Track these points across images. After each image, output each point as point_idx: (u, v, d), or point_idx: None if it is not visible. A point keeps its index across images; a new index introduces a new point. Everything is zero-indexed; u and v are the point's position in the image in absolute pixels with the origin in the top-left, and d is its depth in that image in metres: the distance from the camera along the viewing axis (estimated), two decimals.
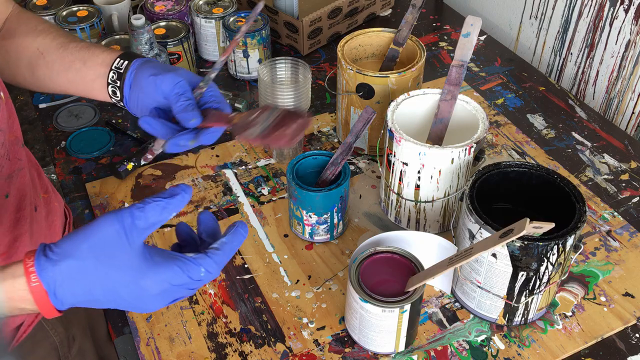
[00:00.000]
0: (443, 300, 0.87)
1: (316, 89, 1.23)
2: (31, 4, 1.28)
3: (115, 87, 0.73)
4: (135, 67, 0.72)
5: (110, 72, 0.73)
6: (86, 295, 0.52)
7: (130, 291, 0.53)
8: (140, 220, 0.53)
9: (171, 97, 0.68)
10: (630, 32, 1.13)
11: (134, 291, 0.53)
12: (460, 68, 0.94)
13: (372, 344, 0.79)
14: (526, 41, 1.37)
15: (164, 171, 1.05)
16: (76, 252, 0.51)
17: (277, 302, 0.86)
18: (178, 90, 0.68)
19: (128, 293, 0.53)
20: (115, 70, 0.73)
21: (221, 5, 1.29)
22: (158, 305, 0.54)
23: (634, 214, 0.99)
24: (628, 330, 0.84)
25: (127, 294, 0.53)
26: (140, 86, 0.71)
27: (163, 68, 0.71)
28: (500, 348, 0.81)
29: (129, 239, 0.52)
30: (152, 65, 0.72)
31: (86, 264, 0.51)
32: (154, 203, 0.53)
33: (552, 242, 0.74)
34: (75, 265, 0.51)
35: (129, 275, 0.52)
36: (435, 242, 0.84)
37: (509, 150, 1.09)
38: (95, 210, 0.99)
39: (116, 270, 0.52)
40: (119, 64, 0.73)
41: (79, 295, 0.52)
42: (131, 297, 0.53)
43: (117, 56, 0.74)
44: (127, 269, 0.52)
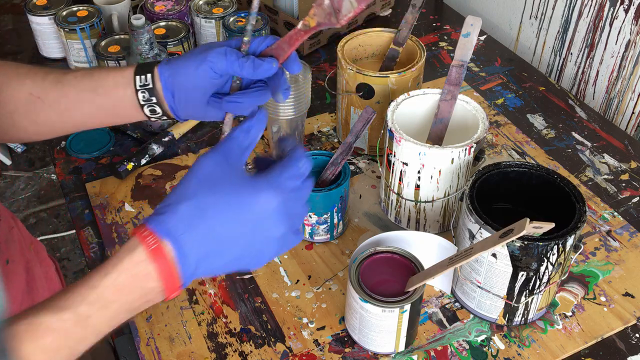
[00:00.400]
0: (443, 300, 0.87)
1: (316, 89, 1.23)
2: (31, 4, 1.28)
3: (153, 105, 0.68)
4: (167, 75, 0.67)
5: (138, 93, 0.67)
6: (209, 240, 0.51)
7: (250, 211, 0.52)
8: (233, 147, 0.55)
9: (233, 68, 0.64)
10: (630, 32, 1.13)
11: (253, 210, 0.52)
12: (460, 68, 0.94)
13: (372, 344, 0.79)
14: (526, 41, 1.37)
15: (164, 171, 1.05)
16: (187, 193, 0.51)
17: (277, 302, 0.86)
18: (230, 58, 0.64)
19: (250, 216, 0.52)
20: (144, 89, 0.67)
21: (221, 5, 1.29)
22: (280, 228, 0.54)
23: (634, 214, 0.99)
24: (628, 330, 0.84)
25: (250, 219, 0.52)
26: (186, 87, 0.66)
27: (198, 52, 0.66)
28: (500, 348, 0.81)
29: (231, 164, 0.54)
30: (183, 58, 0.67)
31: (202, 200, 0.51)
32: (238, 131, 0.56)
33: (552, 242, 0.74)
34: (192, 205, 0.51)
35: (246, 191, 0.52)
36: (435, 242, 0.84)
37: (509, 150, 1.09)
38: (95, 210, 0.99)
39: (232, 195, 0.52)
40: (143, 81, 0.67)
41: (203, 244, 0.51)
42: (253, 223, 0.52)
43: (132, 73, 0.68)
44: (240, 187, 0.52)
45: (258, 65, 0.63)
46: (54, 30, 1.28)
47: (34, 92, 0.68)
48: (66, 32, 1.22)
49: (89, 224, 0.98)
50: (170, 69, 0.67)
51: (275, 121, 1.01)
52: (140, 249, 0.51)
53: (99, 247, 0.94)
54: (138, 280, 0.51)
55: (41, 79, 0.69)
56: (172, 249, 0.51)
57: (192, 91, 0.66)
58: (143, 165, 1.06)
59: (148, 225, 0.51)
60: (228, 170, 0.54)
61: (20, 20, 1.44)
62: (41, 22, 1.27)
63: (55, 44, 1.30)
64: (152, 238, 0.50)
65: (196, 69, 0.65)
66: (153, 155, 1.07)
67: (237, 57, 0.64)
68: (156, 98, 0.67)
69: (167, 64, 0.68)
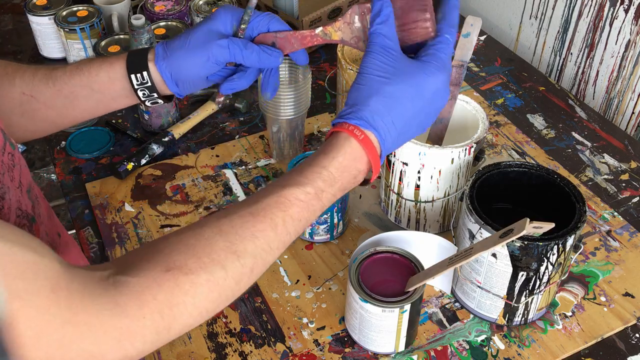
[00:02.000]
0: (443, 300, 0.87)
1: (316, 89, 1.23)
2: (31, 4, 1.28)
3: (155, 99, 0.71)
4: (167, 71, 0.69)
5: (137, 91, 0.70)
6: (398, 123, 0.62)
7: (426, 92, 0.62)
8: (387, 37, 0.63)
9: (237, 58, 0.68)
10: (630, 32, 1.13)
11: (428, 91, 0.63)
12: (460, 68, 0.94)
13: (372, 344, 0.79)
14: (526, 41, 1.37)
15: (164, 171, 1.05)
16: (371, 90, 0.61)
17: (277, 302, 0.86)
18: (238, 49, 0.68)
19: (426, 96, 0.63)
20: (142, 87, 0.69)
21: (221, 5, 1.29)
22: (445, 98, 0.65)
23: (634, 214, 0.99)
24: (628, 330, 0.84)
25: (426, 97, 0.63)
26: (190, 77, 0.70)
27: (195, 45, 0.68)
28: (500, 348, 0.81)
29: (395, 51, 0.63)
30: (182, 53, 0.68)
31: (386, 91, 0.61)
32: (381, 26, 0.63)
33: (552, 242, 0.74)
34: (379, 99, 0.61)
35: (420, 76, 0.62)
36: (435, 242, 0.84)
37: (509, 150, 1.09)
38: (95, 210, 0.99)
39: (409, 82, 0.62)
40: (140, 80, 0.69)
41: (394, 127, 0.62)
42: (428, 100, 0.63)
43: (124, 68, 0.69)
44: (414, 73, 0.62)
45: (264, 58, 0.69)
46: (54, 30, 1.28)
47: (25, 91, 0.69)
48: (66, 32, 1.22)
49: (89, 224, 0.98)
50: (170, 64, 0.69)
51: (275, 121, 1.01)
52: (352, 139, 0.60)
53: (99, 247, 0.94)
54: (355, 162, 0.61)
55: (30, 76, 0.69)
56: (375, 137, 0.61)
57: (196, 78, 0.70)
58: (143, 165, 1.06)
59: (351, 122, 0.61)
60: (391, 58, 0.62)
61: (20, 20, 1.44)
62: (41, 22, 1.27)
63: (55, 44, 1.30)
64: (358, 130, 0.60)
65: (200, 63, 0.68)
66: (153, 155, 1.07)
67: (239, 49, 0.67)
68: (157, 93, 0.70)
69: (165, 58, 0.69)
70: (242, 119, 1.16)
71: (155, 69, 0.70)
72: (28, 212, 0.61)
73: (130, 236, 0.95)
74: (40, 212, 0.65)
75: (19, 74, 0.70)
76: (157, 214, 0.98)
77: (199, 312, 0.53)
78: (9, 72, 0.70)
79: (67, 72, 0.70)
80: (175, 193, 1.02)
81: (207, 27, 0.69)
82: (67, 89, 0.70)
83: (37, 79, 0.70)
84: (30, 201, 0.62)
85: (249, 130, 1.14)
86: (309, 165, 0.60)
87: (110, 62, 0.70)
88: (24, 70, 0.70)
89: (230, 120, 1.16)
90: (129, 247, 0.93)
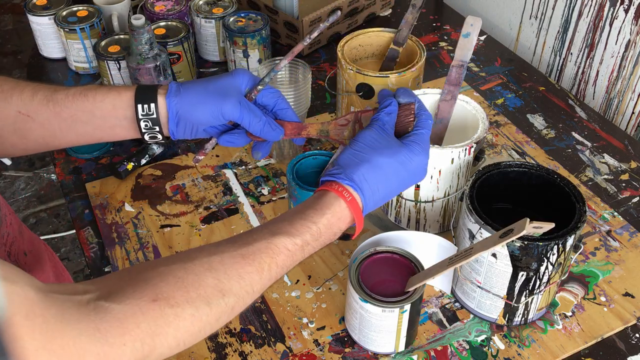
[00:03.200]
0: (443, 300, 0.87)
1: (316, 89, 1.23)
2: (31, 4, 1.28)
3: (155, 133, 0.72)
4: (175, 108, 0.70)
5: (140, 122, 0.70)
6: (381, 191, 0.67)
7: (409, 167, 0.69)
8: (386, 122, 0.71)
9: (243, 121, 0.72)
10: (630, 32, 1.13)
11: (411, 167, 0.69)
12: (460, 68, 0.94)
13: (372, 344, 0.79)
14: (526, 41, 1.37)
15: (164, 171, 1.05)
16: (362, 156, 0.67)
17: (277, 302, 0.86)
18: (247, 113, 0.71)
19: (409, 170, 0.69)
20: (146, 118, 0.70)
21: (221, 5, 1.29)
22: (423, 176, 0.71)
23: (634, 214, 0.99)
24: (628, 330, 0.84)
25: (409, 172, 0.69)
26: (192, 121, 0.72)
27: (212, 93, 0.70)
28: (500, 348, 0.81)
29: (387, 134, 0.70)
30: (196, 95, 0.70)
31: (375, 161, 0.67)
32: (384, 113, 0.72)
33: (552, 242, 0.74)
34: (369, 166, 0.66)
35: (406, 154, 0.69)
36: (435, 242, 0.84)
37: (509, 150, 1.09)
38: (95, 210, 0.99)
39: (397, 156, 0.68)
40: (146, 111, 0.69)
41: (377, 193, 0.67)
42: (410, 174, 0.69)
43: (132, 98, 0.70)
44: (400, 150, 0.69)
45: (266, 131, 0.73)
46: (54, 30, 1.28)
47: (22, 110, 0.69)
48: (66, 32, 1.22)
49: (89, 224, 0.98)
50: (181, 102, 0.70)
51: None
52: (341, 200, 0.65)
53: (99, 247, 0.94)
54: (340, 221, 0.65)
55: (29, 96, 0.69)
56: (360, 200, 0.66)
57: (198, 125, 0.72)
58: (143, 165, 1.06)
59: (342, 182, 0.65)
60: (386, 138, 0.69)
61: (20, 20, 1.45)
62: (41, 22, 1.27)
63: (55, 44, 1.30)
64: (347, 192, 0.65)
65: (209, 111, 0.70)
66: (153, 155, 1.07)
67: (250, 115, 0.71)
68: (159, 127, 0.71)
69: (177, 95, 0.70)
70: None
71: (164, 104, 0.71)
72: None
73: (130, 236, 0.95)
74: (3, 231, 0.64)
75: (16, 91, 0.69)
76: (157, 214, 0.98)
77: (177, 344, 0.53)
78: (5, 89, 0.69)
79: (69, 96, 0.70)
80: (175, 193, 1.02)
81: (228, 81, 0.72)
82: (67, 112, 0.70)
83: (37, 100, 0.69)
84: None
85: None
86: (301, 218, 0.63)
87: (118, 90, 0.71)
88: (22, 88, 0.69)
89: None
90: (128, 247, 0.93)
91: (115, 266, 0.91)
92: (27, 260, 0.70)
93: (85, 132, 0.71)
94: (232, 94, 0.71)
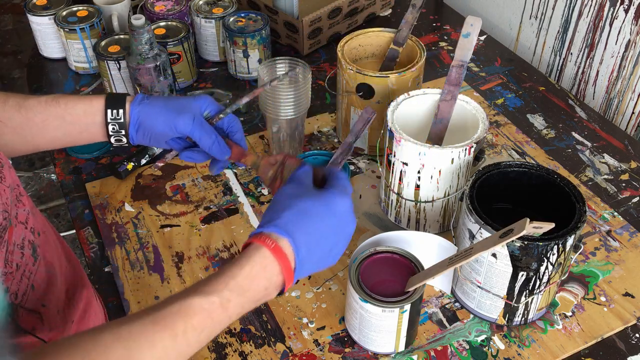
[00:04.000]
0: (443, 300, 0.87)
1: (316, 89, 1.23)
2: (31, 4, 1.28)
3: (120, 136, 0.76)
4: (136, 115, 0.75)
5: (108, 125, 0.74)
6: (311, 235, 0.61)
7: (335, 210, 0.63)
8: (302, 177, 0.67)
9: (194, 136, 0.74)
10: (630, 32, 1.13)
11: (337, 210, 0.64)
12: (460, 68, 0.94)
13: (372, 344, 0.79)
14: (526, 41, 1.37)
15: (164, 171, 1.05)
16: (284, 205, 0.62)
17: (277, 302, 0.86)
18: (198, 129, 0.74)
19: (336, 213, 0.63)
20: (114, 122, 0.74)
21: (221, 5, 1.29)
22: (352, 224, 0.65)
23: (634, 214, 0.99)
24: (628, 330, 0.84)
25: (336, 214, 0.63)
26: (150, 130, 0.75)
27: (171, 107, 0.74)
28: (500, 348, 0.81)
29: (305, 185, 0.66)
30: (156, 107, 0.74)
31: (299, 206, 0.62)
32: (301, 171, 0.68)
33: (552, 242, 0.74)
34: (293, 211, 0.62)
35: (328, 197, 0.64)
36: (435, 242, 0.84)
37: (509, 150, 1.09)
38: (95, 210, 0.99)
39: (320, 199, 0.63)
40: (114, 115, 0.74)
41: (307, 238, 0.61)
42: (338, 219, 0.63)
43: (103, 105, 0.74)
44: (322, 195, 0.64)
45: (214, 148, 0.75)
46: (54, 30, 1.28)
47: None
48: (66, 32, 1.22)
49: (89, 224, 0.98)
50: (142, 111, 0.75)
51: (275, 121, 1.01)
52: (263, 247, 0.60)
53: (99, 247, 0.94)
54: (265, 270, 0.59)
55: (1, 103, 0.72)
56: (289, 245, 0.60)
57: (155, 134, 0.75)
58: (143, 165, 1.06)
59: (265, 230, 0.60)
60: (305, 188, 0.65)
61: (20, 20, 1.44)
62: (41, 22, 1.27)
63: (55, 44, 1.30)
64: (269, 239, 0.60)
65: (165, 123, 0.74)
66: (153, 155, 1.07)
67: (200, 130, 0.74)
68: (125, 130, 0.75)
69: (140, 104, 0.75)
70: (242, 119, 1.16)
71: (129, 110, 0.75)
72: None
73: (130, 236, 0.95)
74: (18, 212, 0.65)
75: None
76: (157, 214, 0.98)
77: None
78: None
79: (42, 102, 0.73)
80: (175, 193, 1.02)
81: (189, 100, 0.76)
82: (39, 118, 0.73)
83: (9, 106, 0.72)
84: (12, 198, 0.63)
85: (249, 130, 1.14)
86: (218, 275, 0.59)
87: (90, 98, 0.76)
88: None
89: None
90: (128, 247, 0.93)
91: (115, 266, 0.91)
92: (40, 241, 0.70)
93: (56, 136, 0.75)
94: (188, 110, 0.75)
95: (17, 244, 0.62)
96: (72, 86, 1.26)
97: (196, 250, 0.93)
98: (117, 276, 0.90)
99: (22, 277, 0.62)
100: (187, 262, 0.92)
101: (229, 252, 0.93)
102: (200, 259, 0.92)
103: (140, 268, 0.91)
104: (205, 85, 1.25)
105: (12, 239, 0.61)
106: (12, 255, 0.58)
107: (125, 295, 0.87)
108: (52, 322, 0.69)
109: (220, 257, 0.92)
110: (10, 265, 0.59)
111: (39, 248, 0.67)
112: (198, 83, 1.26)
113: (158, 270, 0.90)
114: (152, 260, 0.92)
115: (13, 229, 0.62)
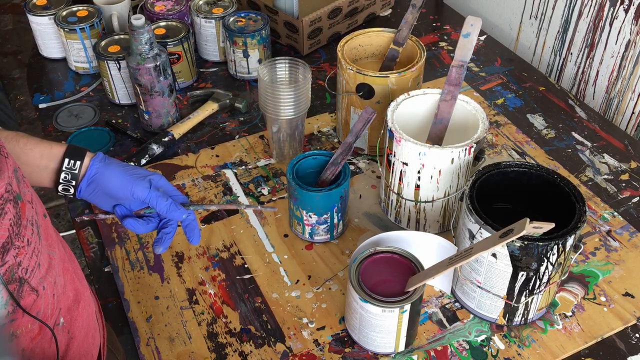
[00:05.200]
0: (443, 300, 0.87)
1: (316, 89, 1.23)
2: (31, 4, 1.28)
3: (69, 186, 0.76)
4: (95, 170, 0.76)
5: (62, 172, 0.75)
6: None
7: None
8: None
9: (150, 200, 0.76)
10: (630, 32, 1.13)
11: None
12: (460, 68, 0.94)
13: (372, 344, 0.79)
14: (526, 41, 1.37)
15: (164, 171, 1.05)
16: None
17: (277, 302, 0.86)
18: (155, 194, 0.75)
19: None
20: (68, 171, 0.75)
21: (221, 5, 1.29)
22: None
23: (634, 214, 0.99)
24: (628, 330, 0.84)
25: None
26: (103, 188, 0.76)
27: (130, 173, 0.76)
28: (500, 348, 0.81)
29: None
30: (115, 169, 0.76)
31: None
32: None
33: (552, 242, 0.74)
34: None
35: None
36: (435, 242, 0.84)
37: (509, 150, 1.09)
38: (95, 210, 0.99)
39: None
40: (71, 165, 0.75)
41: None
42: None
43: (62, 153, 0.75)
44: None
45: (172, 209, 0.76)
46: (54, 30, 1.28)
47: None
48: (66, 32, 1.22)
49: (89, 224, 0.98)
50: (100, 169, 0.76)
51: (275, 121, 1.01)
52: None
53: (99, 247, 0.94)
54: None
55: None
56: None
57: (105, 194, 0.76)
58: (143, 165, 1.06)
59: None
60: None
61: (20, 20, 1.44)
62: (41, 22, 1.27)
63: (55, 44, 1.30)
64: None
65: (120, 186, 0.75)
66: (153, 155, 1.07)
67: (156, 195, 0.76)
68: (75, 181, 0.76)
69: (101, 162, 0.76)
70: (242, 119, 1.17)
71: (87, 164, 0.76)
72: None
73: (130, 236, 0.95)
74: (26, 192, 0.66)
75: None
76: None
77: None
78: None
79: (2, 137, 0.74)
80: None
81: (147, 172, 0.78)
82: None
83: None
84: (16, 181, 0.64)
85: (249, 130, 1.14)
86: None
87: (50, 144, 0.76)
88: None
89: (230, 120, 1.16)
90: (128, 247, 0.93)
91: (115, 266, 0.91)
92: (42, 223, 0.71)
93: None
94: (145, 179, 0.76)
95: (28, 219, 0.63)
96: (72, 86, 1.26)
97: (196, 250, 0.93)
98: (117, 276, 0.90)
99: (32, 254, 0.63)
100: (187, 262, 0.92)
101: (229, 252, 0.93)
102: (200, 259, 0.92)
103: (140, 268, 0.91)
104: (205, 85, 1.25)
105: (24, 213, 0.62)
106: (25, 229, 0.59)
107: (125, 295, 0.87)
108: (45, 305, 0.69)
109: (220, 257, 0.92)
110: (22, 240, 0.59)
111: (41, 229, 0.68)
112: (198, 83, 1.26)
113: (158, 270, 0.90)
114: (152, 260, 0.92)
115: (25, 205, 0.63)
